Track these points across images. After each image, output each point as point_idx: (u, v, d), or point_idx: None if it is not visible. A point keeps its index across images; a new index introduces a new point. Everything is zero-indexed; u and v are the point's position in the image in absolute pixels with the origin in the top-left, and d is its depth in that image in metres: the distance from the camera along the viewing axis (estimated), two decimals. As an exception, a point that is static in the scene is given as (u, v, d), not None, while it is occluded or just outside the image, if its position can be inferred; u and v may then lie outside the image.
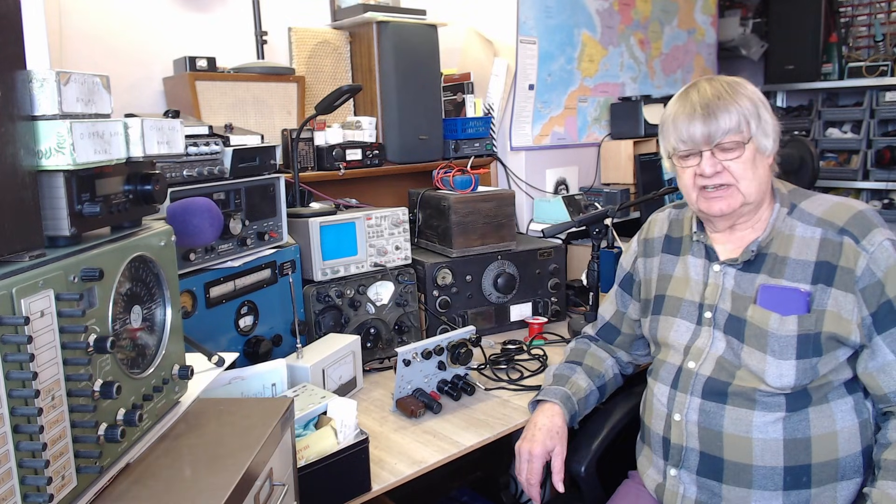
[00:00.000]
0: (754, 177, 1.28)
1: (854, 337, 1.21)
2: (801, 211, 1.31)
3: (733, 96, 1.28)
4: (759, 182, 1.29)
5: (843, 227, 1.25)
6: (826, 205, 1.30)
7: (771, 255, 1.30)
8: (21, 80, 0.72)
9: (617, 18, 2.86)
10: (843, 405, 1.25)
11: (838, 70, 3.76)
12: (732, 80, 1.32)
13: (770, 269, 1.29)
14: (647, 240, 1.55)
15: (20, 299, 0.65)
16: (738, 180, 1.28)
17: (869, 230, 1.23)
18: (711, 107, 1.28)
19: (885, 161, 3.56)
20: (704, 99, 1.29)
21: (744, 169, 1.28)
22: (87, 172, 0.79)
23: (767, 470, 1.24)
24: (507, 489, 2.54)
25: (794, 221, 1.30)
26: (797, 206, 1.32)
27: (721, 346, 1.32)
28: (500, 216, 2.04)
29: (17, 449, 0.65)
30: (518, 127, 2.56)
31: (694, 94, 1.31)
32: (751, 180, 1.28)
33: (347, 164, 2.04)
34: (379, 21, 2.12)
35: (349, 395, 1.63)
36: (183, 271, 1.38)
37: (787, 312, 1.24)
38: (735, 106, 1.27)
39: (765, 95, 1.34)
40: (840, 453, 1.23)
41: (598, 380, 1.57)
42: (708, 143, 1.28)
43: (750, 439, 1.25)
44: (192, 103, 1.81)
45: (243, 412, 1.01)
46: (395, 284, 1.88)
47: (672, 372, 1.37)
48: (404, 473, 1.30)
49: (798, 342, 1.23)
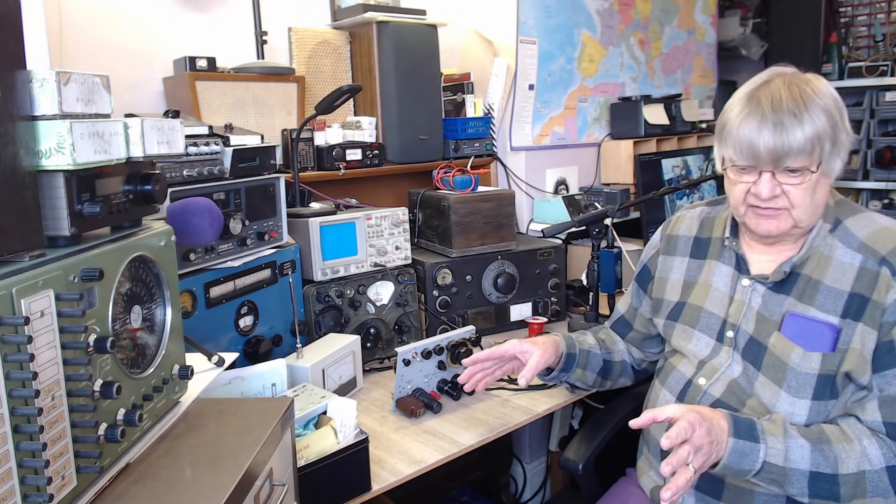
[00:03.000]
0: (814, 202, 1.16)
1: (865, 380, 1.11)
2: (844, 229, 1.19)
3: (811, 109, 1.11)
4: (816, 206, 1.18)
5: (886, 256, 1.13)
6: (873, 227, 1.17)
7: (804, 276, 1.20)
8: (21, 80, 0.72)
9: (617, 18, 2.86)
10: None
11: (838, 70, 3.76)
12: (810, 85, 1.15)
13: (801, 292, 1.19)
14: (671, 236, 1.46)
15: (20, 299, 0.65)
16: (794, 206, 1.16)
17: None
18: (784, 119, 1.11)
19: (885, 161, 3.56)
20: (777, 105, 1.13)
21: (803, 196, 1.15)
22: (87, 172, 0.79)
23: (770, 497, 1.17)
24: (507, 489, 2.54)
25: (834, 241, 1.19)
26: (842, 222, 1.20)
27: (737, 370, 1.24)
28: (500, 216, 2.04)
29: (17, 449, 0.65)
30: (518, 127, 2.56)
31: (765, 97, 1.14)
32: (809, 206, 1.16)
33: (347, 164, 2.04)
34: (379, 21, 2.12)
35: (349, 395, 1.63)
36: (183, 271, 1.38)
37: (812, 348, 1.15)
38: (811, 122, 1.11)
39: None
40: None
41: (606, 353, 1.51)
42: (773, 162, 1.13)
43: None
44: (192, 103, 1.81)
45: (243, 412, 1.01)
46: (395, 284, 1.88)
47: (681, 382, 1.32)
48: (404, 473, 1.30)
49: (817, 382, 1.14)
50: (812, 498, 1.10)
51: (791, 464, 1.09)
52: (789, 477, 1.09)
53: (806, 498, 1.10)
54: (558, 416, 2.51)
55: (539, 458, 2.67)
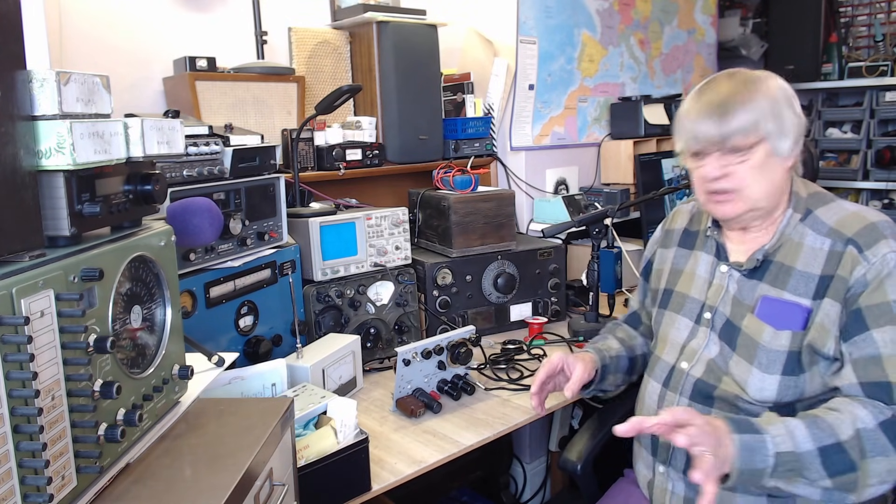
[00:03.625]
0: (764, 181, 1.23)
1: (828, 349, 1.17)
2: (814, 218, 1.25)
3: (750, 94, 1.21)
4: (771, 187, 1.24)
5: (852, 236, 1.19)
6: (841, 214, 1.23)
7: (777, 263, 1.26)
8: (21, 80, 0.72)
9: (617, 18, 2.86)
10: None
11: (838, 70, 3.76)
12: (754, 76, 1.25)
13: (774, 278, 1.25)
14: (668, 230, 1.54)
15: (20, 299, 0.65)
16: (744, 186, 1.23)
17: (876, 241, 1.17)
18: (725, 104, 1.21)
19: (885, 161, 3.56)
20: (719, 96, 1.23)
21: (751, 173, 1.22)
22: (87, 172, 0.79)
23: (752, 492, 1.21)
24: (507, 489, 2.54)
25: (805, 229, 1.25)
26: (812, 212, 1.26)
27: (714, 350, 1.30)
28: (500, 216, 2.04)
29: (17, 449, 0.65)
30: (518, 127, 2.56)
31: (709, 91, 1.25)
32: (759, 185, 1.23)
33: (347, 164, 2.04)
34: (379, 21, 2.12)
35: (349, 394, 1.63)
36: (183, 271, 1.38)
37: (782, 327, 1.21)
38: (750, 104, 1.20)
39: None
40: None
41: (629, 350, 1.56)
42: (717, 142, 1.22)
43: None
44: (192, 103, 1.81)
45: (243, 412, 1.01)
46: (395, 284, 1.88)
47: (665, 370, 1.37)
48: (404, 473, 1.30)
49: (787, 358, 1.20)
50: (833, 477, 1.07)
51: (800, 447, 1.07)
52: (804, 462, 1.06)
53: (828, 481, 1.07)
54: (558, 416, 2.51)
55: (539, 458, 2.67)
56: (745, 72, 1.27)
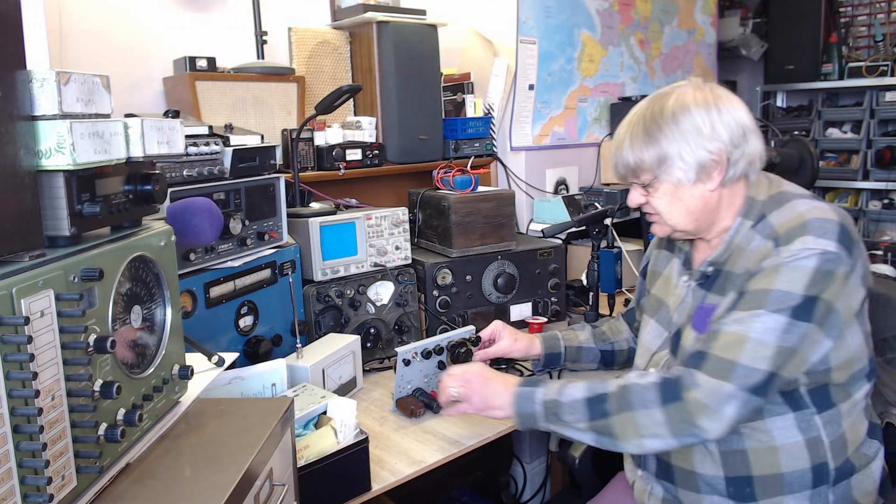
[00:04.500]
0: (676, 210, 1.26)
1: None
2: (765, 223, 1.22)
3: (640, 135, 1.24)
4: (687, 213, 1.25)
5: (780, 234, 1.17)
6: (790, 214, 1.19)
7: (725, 272, 1.25)
8: (21, 80, 0.72)
9: (617, 18, 2.86)
10: (781, 422, 1.19)
11: (838, 70, 3.77)
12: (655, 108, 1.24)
13: (720, 287, 1.25)
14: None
15: (20, 299, 0.65)
16: (661, 213, 1.28)
17: (796, 237, 1.14)
18: (619, 145, 1.28)
19: (885, 161, 3.56)
20: (618, 136, 1.29)
21: (661, 204, 1.27)
22: (87, 172, 0.79)
23: (710, 477, 1.24)
24: (507, 489, 2.54)
25: (754, 234, 1.22)
26: (766, 217, 1.23)
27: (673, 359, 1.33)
28: (500, 216, 2.04)
29: (17, 449, 0.65)
30: (518, 127, 2.56)
31: (620, 127, 1.30)
32: (674, 213, 1.26)
33: (347, 164, 2.04)
34: (379, 21, 2.12)
35: (349, 395, 1.63)
36: (183, 271, 1.38)
37: (703, 330, 1.23)
38: (640, 146, 1.24)
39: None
40: (783, 468, 1.19)
41: (604, 344, 1.62)
42: (625, 178, 1.30)
43: (691, 448, 1.25)
44: (192, 103, 1.81)
45: (243, 412, 1.01)
46: (395, 284, 1.88)
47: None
48: (404, 473, 1.30)
49: None
50: (590, 421, 1.20)
51: (566, 397, 1.22)
52: (564, 408, 1.22)
53: (584, 423, 1.20)
54: (558, 416, 2.51)
55: (539, 458, 2.67)
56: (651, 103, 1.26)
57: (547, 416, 1.23)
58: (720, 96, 1.24)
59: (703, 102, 1.22)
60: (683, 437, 1.14)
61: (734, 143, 1.21)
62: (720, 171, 1.22)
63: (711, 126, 1.21)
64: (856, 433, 1.23)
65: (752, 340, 1.12)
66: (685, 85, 1.27)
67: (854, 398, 1.21)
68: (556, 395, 1.24)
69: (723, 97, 1.24)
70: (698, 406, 1.12)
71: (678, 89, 1.26)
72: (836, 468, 1.20)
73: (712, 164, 1.22)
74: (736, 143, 1.22)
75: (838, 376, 1.19)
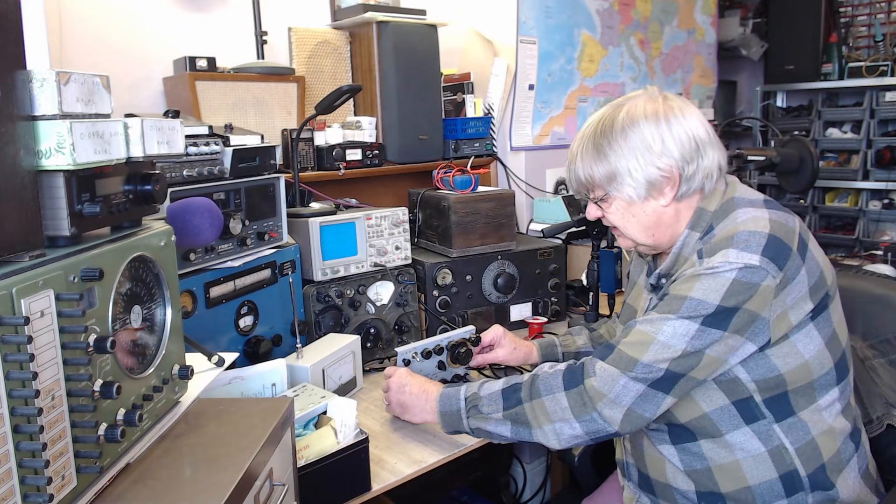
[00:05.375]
0: (632, 224, 1.26)
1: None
2: (711, 233, 1.20)
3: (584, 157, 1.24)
4: (643, 227, 1.25)
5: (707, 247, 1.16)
6: (728, 225, 1.18)
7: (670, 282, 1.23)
8: (21, 80, 0.72)
9: (617, 18, 2.86)
10: (739, 436, 1.18)
11: (838, 70, 3.77)
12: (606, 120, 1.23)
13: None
14: None
15: (20, 299, 0.65)
16: (619, 226, 1.29)
17: (720, 250, 1.13)
18: (570, 162, 1.29)
19: (885, 161, 3.56)
20: (570, 153, 1.29)
21: (616, 219, 1.27)
22: (87, 172, 0.79)
23: (683, 492, 1.24)
24: (507, 489, 2.54)
25: (700, 245, 1.19)
26: (713, 228, 1.20)
27: None
28: (500, 216, 2.04)
29: (17, 449, 0.65)
30: (518, 127, 2.56)
31: (573, 141, 1.30)
32: (630, 227, 1.26)
33: (347, 164, 2.04)
34: (379, 21, 2.12)
35: (349, 395, 1.63)
36: (183, 271, 1.38)
37: None
38: (583, 169, 1.25)
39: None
40: (751, 481, 1.18)
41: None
42: (580, 193, 1.31)
43: (663, 460, 1.26)
44: (192, 103, 1.81)
45: (243, 412, 1.01)
46: (395, 284, 1.88)
47: None
48: (404, 473, 1.30)
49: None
50: (506, 411, 1.24)
51: (485, 391, 1.27)
52: (483, 400, 1.26)
53: (500, 413, 1.24)
54: (558, 416, 2.51)
55: (539, 458, 2.66)
56: (602, 116, 1.25)
57: (468, 410, 1.27)
58: (672, 108, 1.20)
59: (654, 116, 1.19)
60: (587, 423, 1.16)
61: (686, 158, 1.19)
62: (672, 186, 1.20)
63: (662, 141, 1.18)
64: (832, 439, 1.20)
65: (658, 343, 1.12)
66: (639, 96, 1.25)
67: (819, 403, 1.19)
68: (476, 389, 1.29)
69: (675, 109, 1.20)
70: (595, 393, 1.15)
71: (630, 101, 1.24)
72: (809, 475, 1.18)
73: (663, 180, 1.20)
74: (688, 158, 1.19)
75: (795, 382, 1.16)
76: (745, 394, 1.17)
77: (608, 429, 1.15)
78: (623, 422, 1.14)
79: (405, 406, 1.40)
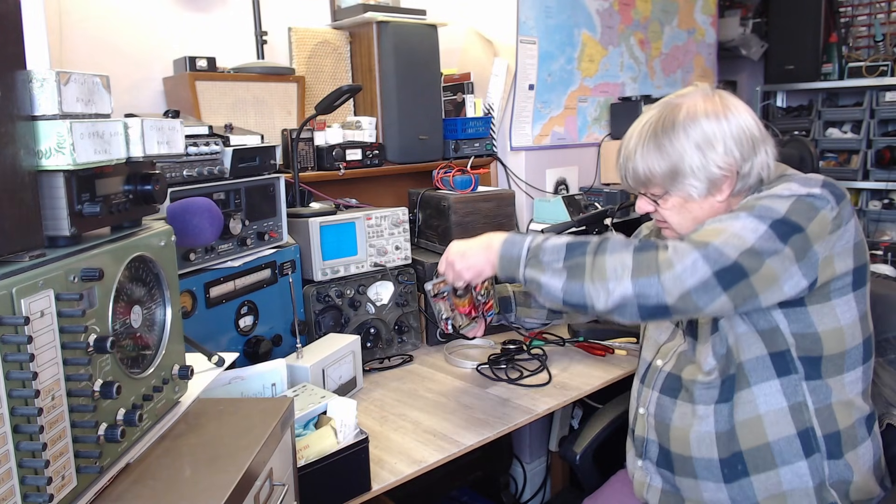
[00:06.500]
0: (685, 220, 1.28)
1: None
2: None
3: (645, 154, 1.25)
4: (696, 222, 1.26)
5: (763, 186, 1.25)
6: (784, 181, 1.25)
7: None
8: (21, 80, 0.72)
9: (617, 18, 2.86)
10: (766, 388, 1.21)
11: (838, 70, 3.76)
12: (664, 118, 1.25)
13: None
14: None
15: (20, 299, 0.65)
16: (670, 221, 1.30)
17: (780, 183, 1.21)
18: (627, 159, 1.29)
19: (885, 161, 3.56)
20: (626, 148, 1.29)
21: (670, 214, 1.29)
22: (87, 172, 0.79)
23: (705, 461, 1.26)
24: (507, 489, 2.54)
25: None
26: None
27: (686, 346, 1.34)
28: (500, 216, 2.04)
29: (17, 449, 0.65)
30: (518, 127, 2.56)
31: (625, 136, 1.30)
32: (683, 222, 1.29)
33: (347, 164, 2.04)
34: (379, 21, 2.12)
35: (349, 395, 1.63)
36: (183, 271, 1.38)
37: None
38: (643, 165, 1.26)
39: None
40: (769, 437, 1.21)
41: None
42: (634, 188, 1.32)
43: (688, 431, 1.27)
44: (192, 103, 1.81)
45: (243, 412, 1.01)
46: (395, 284, 1.88)
47: (644, 367, 1.43)
48: (404, 473, 1.30)
49: (711, 323, 1.26)
50: (566, 261, 1.18)
51: (549, 243, 1.22)
52: (547, 250, 1.21)
53: (560, 262, 1.19)
54: (558, 416, 2.51)
55: (539, 458, 2.67)
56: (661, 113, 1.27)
57: (528, 259, 1.23)
58: (728, 106, 1.25)
59: (714, 114, 1.23)
60: (643, 285, 1.10)
61: (744, 156, 1.23)
62: (730, 183, 1.24)
63: (722, 140, 1.22)
64: (848, 412, 1.23)
65: (730, 232, 1.12)
66: (693, 93, 1.28)
67: (844, 377, 1.22)
68: (541, 241, 1.25)
69: (731, 107, 1.25)
70: (666, 262, 1.11)
71: (686, 99, 1.27)
72: (825, 436, 1.21)
73: (723, 178, 1.24)
74: (745, 155, 1.23)
75: (829, 347, 1.20)
76: (784, 346, 1.20)
77: (661, 298, 1.10)
78: (678, 300, 1.10)
79: (464, 253, 1.36)
